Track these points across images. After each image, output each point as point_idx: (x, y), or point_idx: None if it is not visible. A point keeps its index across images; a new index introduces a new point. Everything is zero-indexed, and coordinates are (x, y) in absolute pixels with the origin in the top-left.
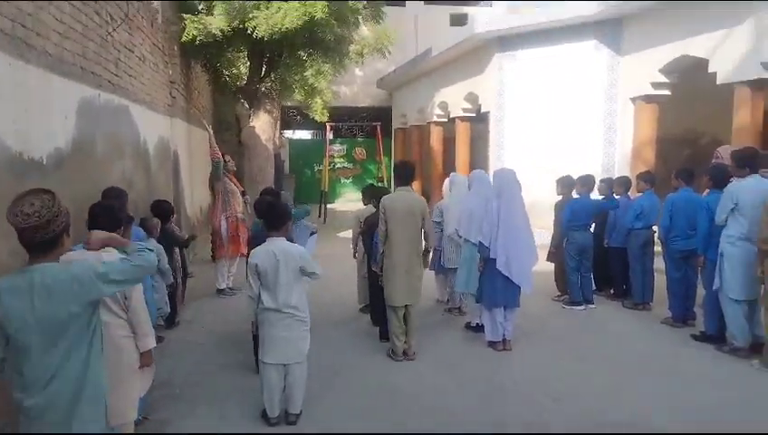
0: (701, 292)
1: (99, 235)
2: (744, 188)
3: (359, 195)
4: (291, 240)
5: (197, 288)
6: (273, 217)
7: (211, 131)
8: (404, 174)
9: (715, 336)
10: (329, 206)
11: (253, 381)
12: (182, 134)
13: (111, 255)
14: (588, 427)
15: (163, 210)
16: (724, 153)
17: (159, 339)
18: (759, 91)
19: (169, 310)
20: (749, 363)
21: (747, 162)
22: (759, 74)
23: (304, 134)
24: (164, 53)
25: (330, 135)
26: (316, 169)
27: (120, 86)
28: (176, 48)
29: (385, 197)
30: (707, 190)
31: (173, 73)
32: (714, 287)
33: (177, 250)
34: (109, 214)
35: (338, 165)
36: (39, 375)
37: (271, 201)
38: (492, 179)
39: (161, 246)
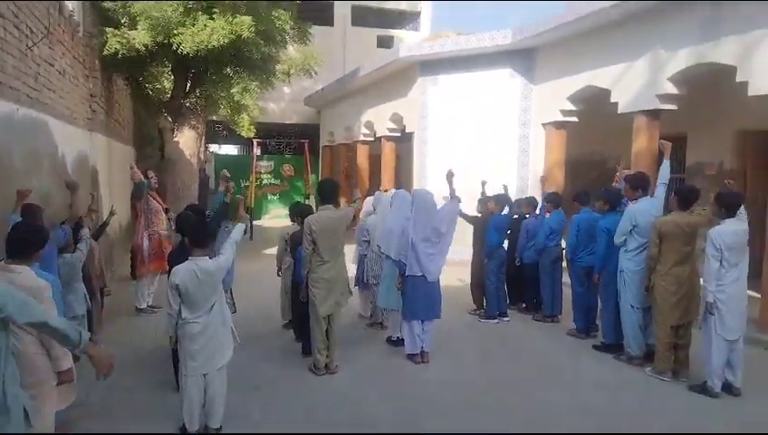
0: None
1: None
2: (640, 210)
3: (286, 211)
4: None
5: (115, 306)
6: (199, 235)
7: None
8: (328, 193)
9: (614, 345)
10: (255, 222)
11: (173, 398)
12: (102, 149)
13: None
14: (500, 428)
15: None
16: (620, 176)
17: (75, 358)
18: (655, 120)
19: (86, 334)
20: (643, 371)
21: (640, 185)
22: (655, 105)
23: (231, 149)
24: (85, 66)
25: (257, 151)
26: (243, 184)
27: (38, 100)
28: (97, 62)
29: (309, 217)
30: (601, 212)
31: (93, 87)
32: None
33: (91, 267)
34: (34, 236)
35: (265, 181)
36: None
37: (199, 219)
38: (410, 200)
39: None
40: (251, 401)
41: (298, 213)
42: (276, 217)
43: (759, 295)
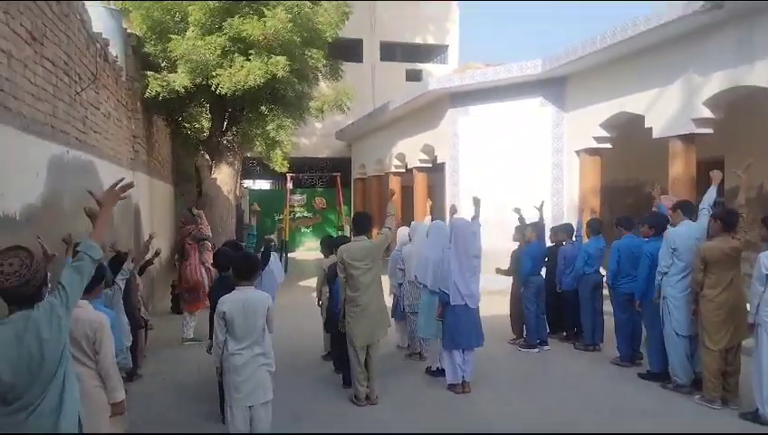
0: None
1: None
2: (679, 233)
3: (318, 244)
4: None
5: (158, 340)
6: (242, 267)
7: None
8: (360, 224)
9: (660, 374)
10: (290, 255)
11: (217, 430)
12: (144, 187)
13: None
14: None
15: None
16: (664, 202)
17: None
18: (690, 145)
19: (131, 363)
20: (692, 399)
21: (680, 208)
22: (690, 129)
23: (263, 184)
24: (127, 108)
25: (290, 185)
26: (276, 218)
27: (86, 142)
28: (138, 104)
29: (341, 247)
30: (647, 237)
31: (136, 128)
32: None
33: (136, 302)
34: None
35: (298, 214)
36: (22, 408)
37: (244, 253)
38: (448, 229)
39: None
40: (293, 432)
41: (333, 245)
42: (309, 250)
43: None
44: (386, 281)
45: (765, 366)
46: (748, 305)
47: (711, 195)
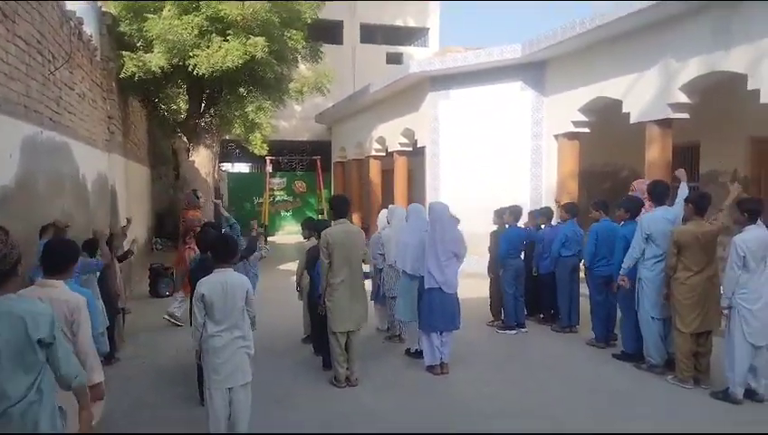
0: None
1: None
2: (652, 218)
3: (299, 227)
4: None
5: (136, 325)
6: (222, 250)
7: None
8: (340, 207)
9: (634, 355)
10: (269, 238)
11: (197, 412)
12: (120, 169)
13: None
14: None
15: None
16: (638, 186)
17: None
18: (667, 129)
19: (107, 348)
20: (665, 379)
21: (658, 196)
22: (666, 114)
23: (243, 167)
24: (102, 89)
25: (269, 168)
26: (255, 201)
27: (60, 123)
28: (114, 84)
29: (325, 230)
30: (623, 221)
31: (111, 109)
32: (636, 309)
33: (112, 285)
34: (67, 250)
35: (278, 198)
36: (2, 400)
37: (222, 235)
38: (426, 213)
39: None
40: (273, 414)
41: (314, 228)
42: (289, 234)
43: None
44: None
45: (737, 348)
46: (721, 289)
47: (684, 192)
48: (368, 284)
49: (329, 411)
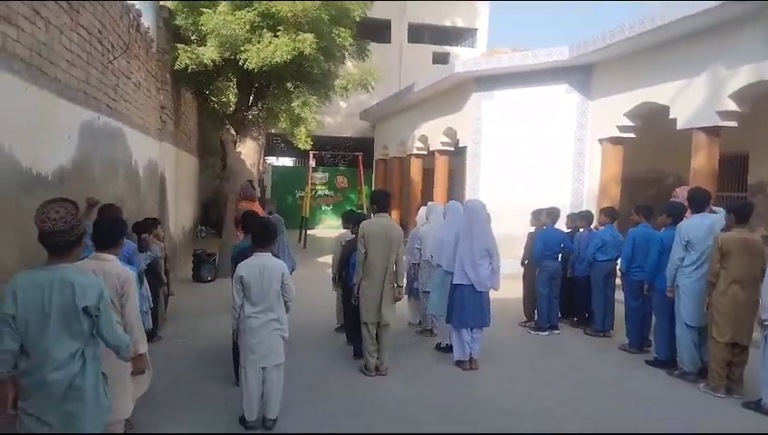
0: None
1: None
2: (692, 225)
3: (338, 222)
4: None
5: (178, 308)
6: (262, 235)
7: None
8: (381, 201)
9: (667, 362)
10: (309, 232)
11: (231, 391)
12: (170, 157)
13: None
14: None
15: (144, 226)
16: (680, 193)
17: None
18: (714, 137)
19: (150, 325)
20: (696, 387)
21: (696, 201)
22: (714, 122)
23: (286, 161)
24: (157, 79)
25: (312, 163)
26: (297, 195)
27: (116, 110)
28: (168, 75)
29: (364, 222)
30: (664, 226)
31: (164, 99)
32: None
33: (159, 268)
34: (116, 226)
35: (319, 192)
36: (47, 361)
37: (262, 220)
38: (462, 210)
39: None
40: (304, 399)
41: (353, 220)
42: (329, 228)
43: None
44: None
45: None
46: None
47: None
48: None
49: (357, 399)
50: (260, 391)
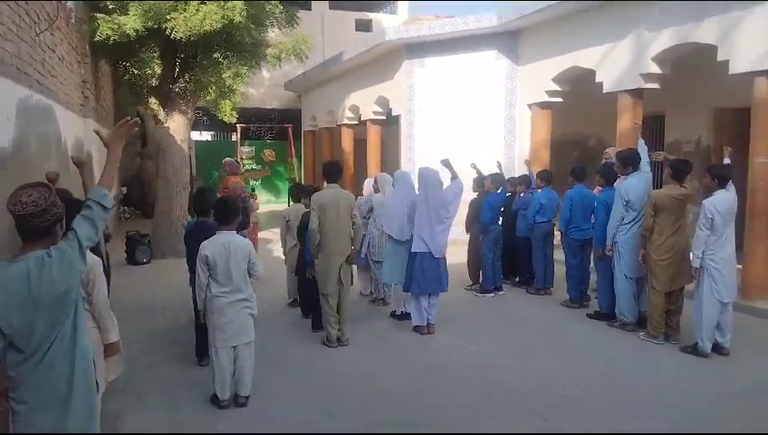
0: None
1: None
2: (631, 184)
3: (269, 196)
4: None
5: (117, 290)
6: (225, 211)
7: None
8: (332, 172)
9: (608, 314)
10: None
11: (195, 372)
12: (93, 135)
13: None
14: (502, 394)
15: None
16: (612, 153)
17: None
18: (639, 99)
19: None
20: (636, 335)
21: (630, 162)
22: (639, 84)
23: (208, 136)
24: (77, 52)
25: (238, 136)
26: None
27: (45, 86)
28: (87, 47)
29: (315, 194)
30: (599, 187)
31: (85, 73)
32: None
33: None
34: (76, 210)
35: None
36: (36, 350)
37: (224, 197)
38: (416, 177)
39: None
40: (271, 373)
41: (302, 193)
42: (261, 203)
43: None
44: None
45: (705, 306)
46: (691, 253)
47: (643, 148)
48: None
49: (324, 370)
50: (231, 370)
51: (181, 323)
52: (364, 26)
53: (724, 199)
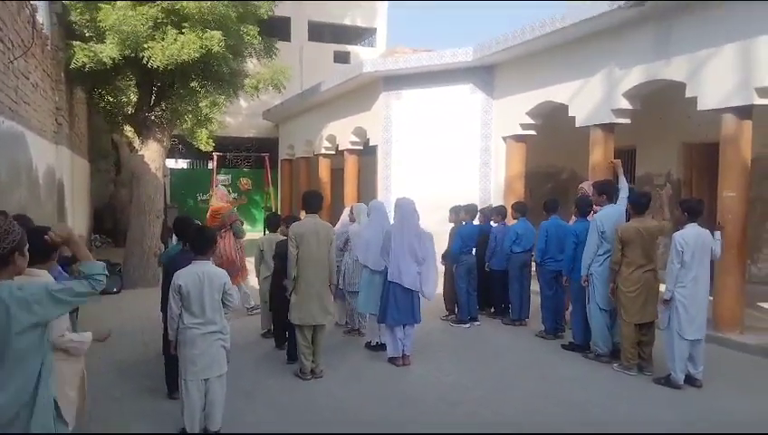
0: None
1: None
2: (605, 215)
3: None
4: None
5: (85, 321)
6: (200, 241)
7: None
8: (313, 202)
9: (582, 345)
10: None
11: (164, 404)
12: (66, 162)
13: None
14: (479, 427)
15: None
16: (586, 187)
17: None
18: (610, 133)
19: None
20: (611, 367)
21: (605, 191)
22: (610, 119)
23: (183, 164)
24: (52, 79)
25: (214, 165)
26: (199, 198)
27: (17, 113)
28: (62, 75)
29: (294, 223)
30: (574, 218)
31: (59, 100)
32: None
33: None
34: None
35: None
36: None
37: (199, 226)
38: (393, 207)
39: None
40: (243, 406)
41: (278, 222)
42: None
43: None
44: None
45: (677, 338)
46: (662, 286)
47: (624, 183)
48: None
49: (299, 402)
50: (202, 403)
51: (151, 355)
52: (342, 58)
53: (694, 233)
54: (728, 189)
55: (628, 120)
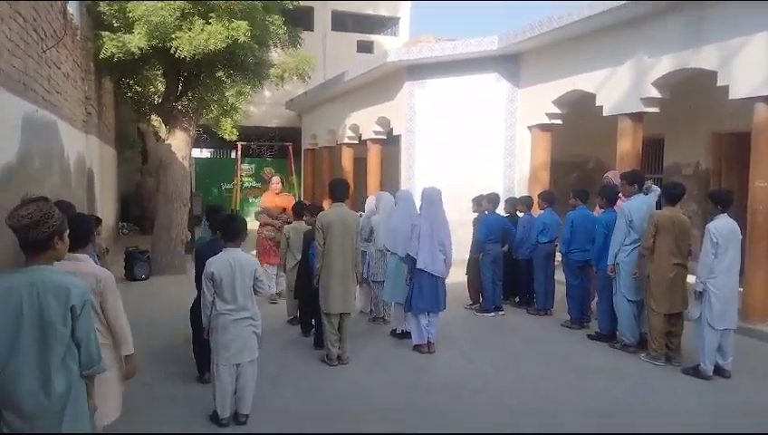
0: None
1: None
2: (632, 206)
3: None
4: None
5: None
6: (231, 229)
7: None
8: (340, 191)
9: (608, 335)
10: None
11: (195, 388)
12: (95, 151)
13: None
14: (503, 415)
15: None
16: (613, 177)
17: None
18: (639, 123)
19: None
20: (637, 357)
21: (635, 181)
22: (639, 108)
23: (207, 153)
24: (81, 69)
25: (239, 154)
26: (223, 187)
27: (50, 102)
28: (91, 65)
29: (322, 212)
30: (600, 209)
31: (89, 90)
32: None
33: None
34: (86, 224)
35: (246, 184)
36: (27, 369)
37: (230, 215)
38: (420, 196)
39: None
40: (270, 392)
41: (309, 211)
42: (257, 221)
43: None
44: None
45: (707, 329)
46: (693, 277)
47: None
48: None
49: (324, 388)
50: (233, 388)
51: (180, 340)
52: (365, 48)
53: (725, 223)
54: (760, 179)
55: (657, 109)
